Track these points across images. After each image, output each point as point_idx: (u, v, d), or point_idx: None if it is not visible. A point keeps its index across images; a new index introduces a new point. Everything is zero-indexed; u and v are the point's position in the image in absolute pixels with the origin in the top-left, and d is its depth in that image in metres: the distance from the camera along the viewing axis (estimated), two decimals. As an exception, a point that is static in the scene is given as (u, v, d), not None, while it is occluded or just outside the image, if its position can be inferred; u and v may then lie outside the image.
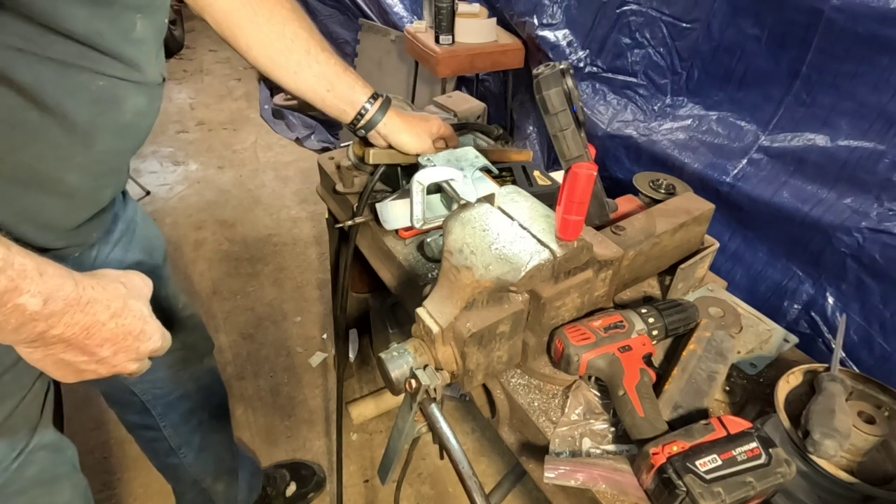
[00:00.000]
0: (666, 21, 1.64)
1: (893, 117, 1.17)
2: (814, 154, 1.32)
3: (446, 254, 0.70)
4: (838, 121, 1.27)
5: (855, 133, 1.24)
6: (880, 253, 1.20)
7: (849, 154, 1.25)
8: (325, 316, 2.28)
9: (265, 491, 1.65)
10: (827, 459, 0.64)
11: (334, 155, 1.34)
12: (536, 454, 0.80)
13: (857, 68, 1.21)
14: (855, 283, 1.27)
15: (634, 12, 1.73)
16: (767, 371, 0.87)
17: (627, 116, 1.79)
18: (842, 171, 1.27)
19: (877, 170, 1.21)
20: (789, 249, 1.40)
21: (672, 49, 1.65)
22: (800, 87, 1.33)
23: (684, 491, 0.60)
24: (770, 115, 1.41)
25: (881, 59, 1.15)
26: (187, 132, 3.57)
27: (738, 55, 1.46)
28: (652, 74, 1.72)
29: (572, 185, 0.67)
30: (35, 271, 0.48)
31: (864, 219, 1.23)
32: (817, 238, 1.32)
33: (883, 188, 1.21)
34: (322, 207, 1.41)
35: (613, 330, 0.78)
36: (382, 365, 0.69)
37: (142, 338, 0.59)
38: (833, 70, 1.25)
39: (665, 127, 1.67)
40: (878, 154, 1.20)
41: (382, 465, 0.78)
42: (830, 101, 1.28)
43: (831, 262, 1.30)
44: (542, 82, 0.73)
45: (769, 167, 1.41)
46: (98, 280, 0.56)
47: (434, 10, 2.17)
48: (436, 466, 1.76)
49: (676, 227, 0.93)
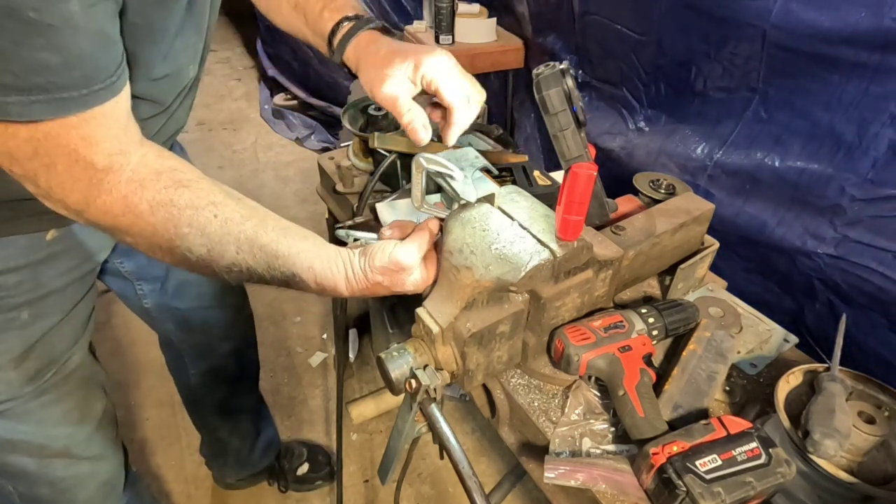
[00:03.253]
0: (623, 33, 1.59)
1: (842, 139, 1.14)
2: (766, 174, 1.29)
3: (446, 254, 0.70)
4: (791, 140, 1.23)
5: (804, 154, 1.21)
6: (841, 279, 1.18)
7: (798, 176, 1.22)
8: (325, 316, 2.28)
9: (279, 462, 1.69)
10: (827, 459, 0.64)
11: (334, 155, 1.34)
12: (536, 454, 0.80)
13: (810, 85, 1.17)
14: (827, 304, 1.24)
15: (597, 22, 1.68)
16: (767, 371, 0.87)
17: (613, 128, 1.74)
18: (794, 193, 1.24)
19: (826, 194, 1.17)
20: (762, 268, 1.37)
21: (635, 61, 1.60)
22: (758, 102, 1.29)
23: (684, 491, 0.60)
24: (729, 131, 1.36)
25: (832, 77, 1.12)
26: (187, 132, 3.53)
27: (693, 70, 1.41)
28: (629, 86, 1.67)
29: (572, 185, 0.67)
30: (315, 283, 0.67)
31: (822, 244, 1.20)
32: (783, 259, 1.29)
33: (835, 213, 1.17)
34: (322, 207, 1.41)
35: (613, 330, 0.78)
36: (382, 365, 0.69)
37: (404, 286, 0.71)
38: (788, 86, 1.22)
39: (640, 140, 1.64)
40: (827, 177, 1.17)
41: (382, 465, 0.78)
42: (786, 119, 1.24)
43: (801, 283, 1.28)
44: (542, 82, 0.73)
45: (728, 185, 1.38)
46: (369, 281, 0.69)
47: (434, 10, 2.17)
48: (436, 466, 1.76)
49: (676, 227, 0.93)
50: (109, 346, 2.08)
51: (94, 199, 0.58)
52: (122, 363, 2.02)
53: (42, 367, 0.86)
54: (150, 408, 1.88)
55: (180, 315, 1.22)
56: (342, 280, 0.68)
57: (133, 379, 1.97)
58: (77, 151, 0.55)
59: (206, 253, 0.62)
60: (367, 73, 0.80)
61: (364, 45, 0.83)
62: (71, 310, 0.88)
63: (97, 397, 1.00)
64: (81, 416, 0.96)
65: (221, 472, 1.65)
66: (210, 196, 0.62)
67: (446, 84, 0.77)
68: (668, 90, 1.54)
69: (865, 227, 1.14)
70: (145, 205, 0.59)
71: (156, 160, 0.61)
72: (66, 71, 0.51)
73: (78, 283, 0.89)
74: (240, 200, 0.65)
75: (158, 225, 0.60)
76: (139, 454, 1.77)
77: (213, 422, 1.49)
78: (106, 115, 0.56)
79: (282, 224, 0.67)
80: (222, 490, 1.68)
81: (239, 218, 0.63)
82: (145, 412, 1.88)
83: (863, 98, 1.09)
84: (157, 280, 1.14)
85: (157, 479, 1.71)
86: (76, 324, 0.91)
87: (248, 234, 0.63)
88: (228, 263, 0.63)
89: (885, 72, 1.04)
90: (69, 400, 0.92)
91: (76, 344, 0.91)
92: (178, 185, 0.60)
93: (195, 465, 1.70)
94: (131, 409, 1.90)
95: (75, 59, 0.51)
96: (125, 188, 0.58)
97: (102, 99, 0.55)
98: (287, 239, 0.65)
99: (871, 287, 1.15)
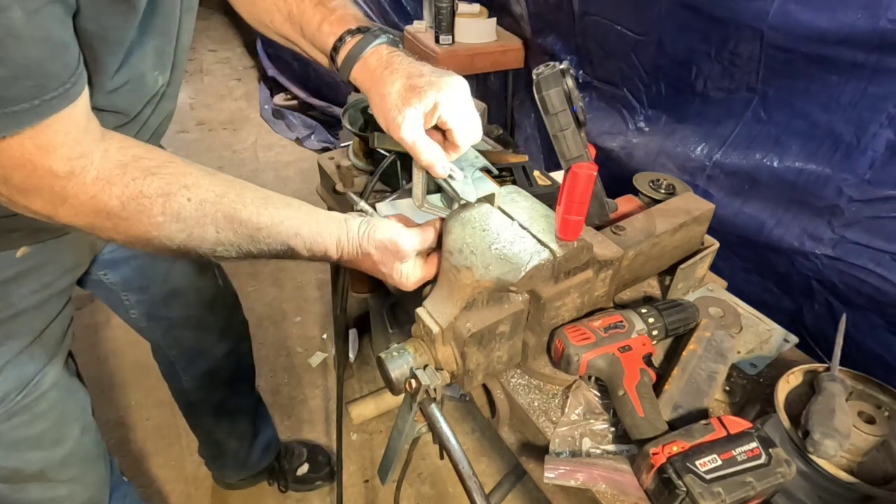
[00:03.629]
0: (623, 33, 1.59)
1: (840, 139, 1.13)
2: (764, 174, 1.29)
3: (446, 254, 0.70)
4: (790, 141, 1.24)
5: (803, 154, 1.21)
6: (839, 280, 1.18)
7: (797, 176, 1.22)
8: (325, 316, 2.28)
9: (279, 462, 1.69)
10: (827, 459, 0.64)
11: (334, 155, 1.34)
12: (536, 454, 0.80)
13: (808, 86, 1.17)
14: (825, 305, 1.24)
15: (597, 22, 1.68)
16: (767, 371, 0.87)
17: (613, 129, 1.74)
18: (792, 193, 1.24)
19: (824, 194, 1.17)
20: (761, 269, 1.37)
21: (636, 61, 1.59)
22: (758, 102, 1.29)
23: (684, 491, 0.60)
24: (729, 131, 1.36)
25: (831, 78, 1.12)
26: (187, 132, 3.57)
27: (693, 70, 1.41)
28: (629, 86, 1.67)
29: (572, 185, 0.67)
30: (305, 249, 0.67)
31: (819, 245, 1.20)
32: (781, 260, 1.29)
33: (833, 213, 1.17)
34: (322, 207, 1.41)
35: (613, 330, 0.78)
36: (382, 365, 0.69)
37: (392, 270, 0.72)
38: (787, 87, 1.22)
39: (639, 140, 1.63)
40: (825, 178, 1.17)
41: (382, 465, 0.78)
42: (785, 119, 1.24)
43: (799, 284, 1.28)
44: (542, 82, 0.73)
45: (727, 185, 1.38)
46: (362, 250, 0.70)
47: (434, 10, 2.17)
48: (436, 466, 1.76)
49: (676, 227, 0.93)
50: (110, 346, 2.08)
51: (61, 205, 0.56)
52: (122, 363, 2.02)
53: (11, 390, 0.82)
54: (151, 408, 1.88)
55: (170, 324, 1.20)
56: (333, 244, 0.67)
57: (133, 379, 1.97)
58: (33, 161, 0.52)
59: (186, 238, 0.61)
60: (382, 109, 0.75)
61: (374, 69, 0.77)
62: (43, 329, 0.84)
63: (75, 418, 0.95)
64: (57, 438, 0.92)
65: (221, 473, 1.64)
66: (181, 179, 0.60)
67: (459, 127, 0.74)
68: (669, 90, 1.54)
69: (863, 227, 1.14)
70: (115, 201, 0.57)
71: (119, 152, 0.58)
72: (14, 83, 0.48)
73: (52, 301, 0.85)
74: (213, 176, 0.63)
75: (132, 219, 0.58)
76: (139, 454, 1.77)
77: (209, 425, 1.48)
78: (63, 120, 0.53)
79: (261, 194, 0.65)
80: (222, 490, 1.68)
81: (214, 197, 0.61)
82: (145, 412, 1.88)
83: (861, 98, 1.09)
84: (144, 290, 1.11)
85: (157, 479, 1.71)
86: (49, 343, 0.86)
87: (225, 211, 0.61)
88: (211, 245, 0.62)
89: (882, 72, 1.04)
90: (43, 422, 0.88)
91: (49, 363, 0.87)
92: (145, 174, 0.58)
93: (195, 465, 1.70)
94: (131, 409, 1.90)
95: (22, 69, 0.48)
96: (92, 188, 0.56)
97: (56, 108, 0.52)
98: (269, 209, 0.64)
99: (868, 288, 1.15)
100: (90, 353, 2.06)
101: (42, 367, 0.86)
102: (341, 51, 0.79)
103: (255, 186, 0.66)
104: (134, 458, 1.76)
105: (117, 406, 1.91)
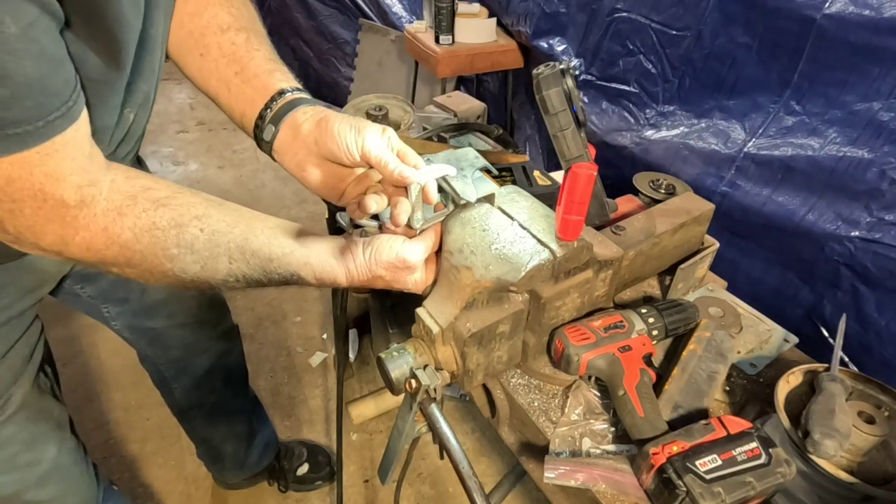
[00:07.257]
0: (656, 29, 1.62)
1: (882, 126, 1.16)
2: (800, 162, 1.31)
3: (446, 254, 0.70)
4: (826, 129, 1.26)
5: (843, 141, 1.23)
6: (872, 262, 1.20)
7: (836, 162, 1.24)
8: (325, 316, 2.28)
9: (279, 462, 1.68)
10: (827, 459, 0.64)
11: (334, 155, 1.34)
12: (536, 454, 0.80)
13: (847, 77, 1.20)
14: (850, 291, 1.26)
15: (625, 20, 1.70)
16: (767, 371, 0.87)
17: (622, 125, 1.76)
18: (830, 179, 1.26)
19: (865, 178, 1.20)
20: (784, 258, 1.39)
21: (663, 57, 1.62)
22: (790, 95, 1.32)
23: (684, 491, 0.60)
24: (759, 123, 1.39)
25: (872, 69, 1.14)
26: (187, 132, 3.57)
27: (728, 63, 1.44)
28: (644, 82, 1.70)
29: (572, 185, 0.67)
30: (314, 278, 0.66)
31: (855, 228, 1.22)
32: (809, 247, 1.31)
33: (872, 197, 1.19)
34: (322, 207, 1.41)
35: (613, 330, 0.78)
36: (382, 365, 0.69)
37: (405, 283, 0.71)
38: (824, 79, 1.24)
39: (658, 136, 1.65)
40: (867, 163, 1.19)
41: (382, 465, 0.78)
42: (820, 110, 1.27)
43: (825, 271, 1.29)
44: (542, 82, 0.73)
45: (757, 175, 1.40)
46: (372, 274, 0.68)
47: (434, 10, 2.17)
48: (436, 466, 1.76)
49: (676, 227, 0.93)
50: (110, 345, 2.07)
51: (72, 238, 0.54)
52: (122, 363, 2.02)
53: None
54: (151, 407, 1.88)
55: (153, 334, 1.17)
56: (342, 273, 0.67)
57: (133, 379, 1.97)
58: (44, 191, 0.51)
59: (200, 270, 0.60)
60: (334, 140, 0.67)
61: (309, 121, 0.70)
62: (6, 353, 0.81)
63: (49, 438, 0.91)
64: (31, 461, 0.88)
65: (221, 474, 1.64)
66: (192, 210, 0.59)
67: (408, 150, 0.69)
68: (694, 84, 1.57)
69: (904, 209, 1.17)
70: (128, 233, 0.56)
71: (126, 182, 0.57)
72: (16, 103, 0.46)
73: (12, 324, 0.81)
74: (222, 207, 0.63)
75: (146, 251, 0.57)
76: (139, 454, 1.77)
77: (203, 430, 1.46)
78: (67, 144, 0.51)
79: (270, 224, 0.65)
80: (222, 490, 1.68)
81: (226, 227, 0.61)
82: (146, 412, 1.88)
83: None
84: (124, 302, 1.07)
85: (158, 479, 1.71)
86: (14, 363, 0.83)
87: (238, 242, 0.61)
88: (224, 276, 0.62)
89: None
90: (12, 445, 0.85)
91: (15, 384, 0.83)
92: (156, 205, 0.57)
93: (195, 465, 1.70)
94: (131, 409, 1.90)
95: (23, 88, 0.46)
96: (103, 220, 0.55)
97: (60, 128, 0.50)
98: (278, 239, 0.64)
99: (903, 268, 1.17)
100: (89, 353, 2.06)
101: (8, 387, 0.82)
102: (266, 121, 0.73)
103: (263, 215, 0.65)
104: (134, 458, 1.76)
105: (117, 406, 1.91)
